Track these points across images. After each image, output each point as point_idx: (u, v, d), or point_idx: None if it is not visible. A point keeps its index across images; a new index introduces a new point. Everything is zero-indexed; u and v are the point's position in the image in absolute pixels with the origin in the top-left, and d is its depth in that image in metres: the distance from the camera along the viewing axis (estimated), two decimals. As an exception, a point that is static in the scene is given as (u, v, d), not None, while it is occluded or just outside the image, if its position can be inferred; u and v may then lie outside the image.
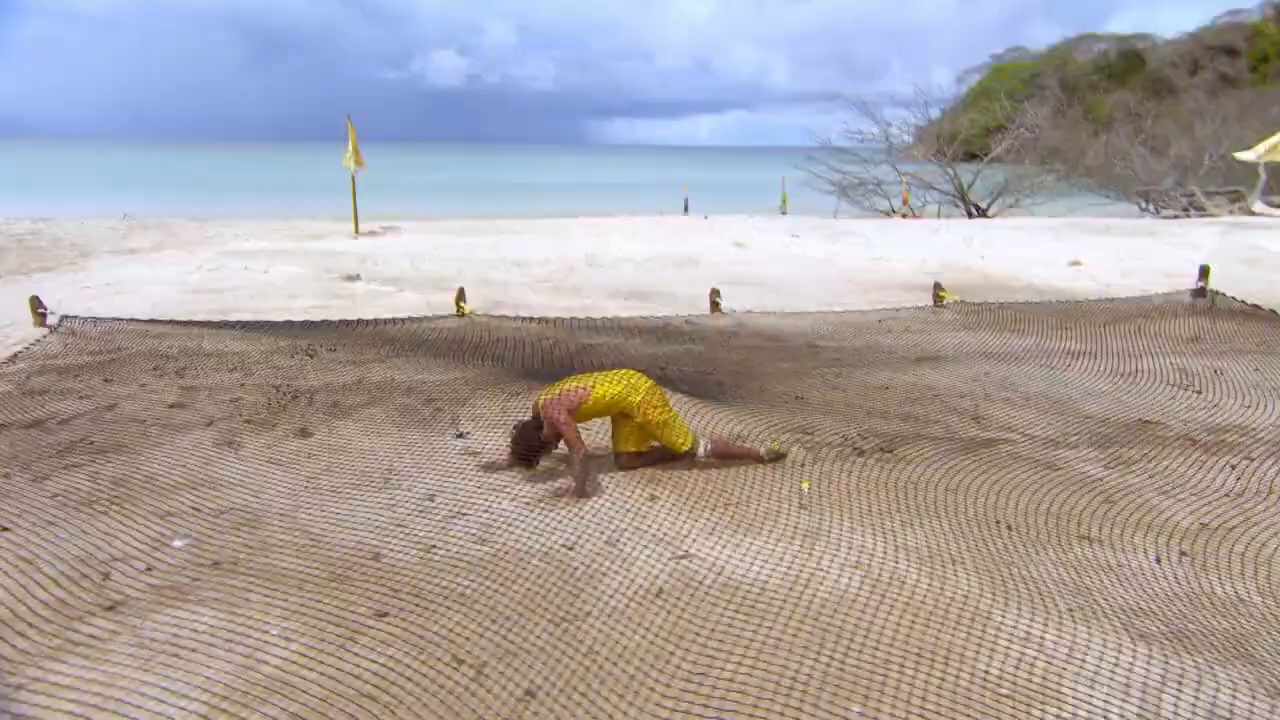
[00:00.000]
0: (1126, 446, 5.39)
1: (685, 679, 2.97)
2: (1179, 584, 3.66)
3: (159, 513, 4.31)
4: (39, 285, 10.90)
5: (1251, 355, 7.72)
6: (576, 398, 4.67)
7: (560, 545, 4.03)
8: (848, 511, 4.36)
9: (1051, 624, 3.29)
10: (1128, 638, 3.20)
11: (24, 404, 6.08)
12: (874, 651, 3.13)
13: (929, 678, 2.96)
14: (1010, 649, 3.12)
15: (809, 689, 2.90)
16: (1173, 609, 3.44)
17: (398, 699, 2.85)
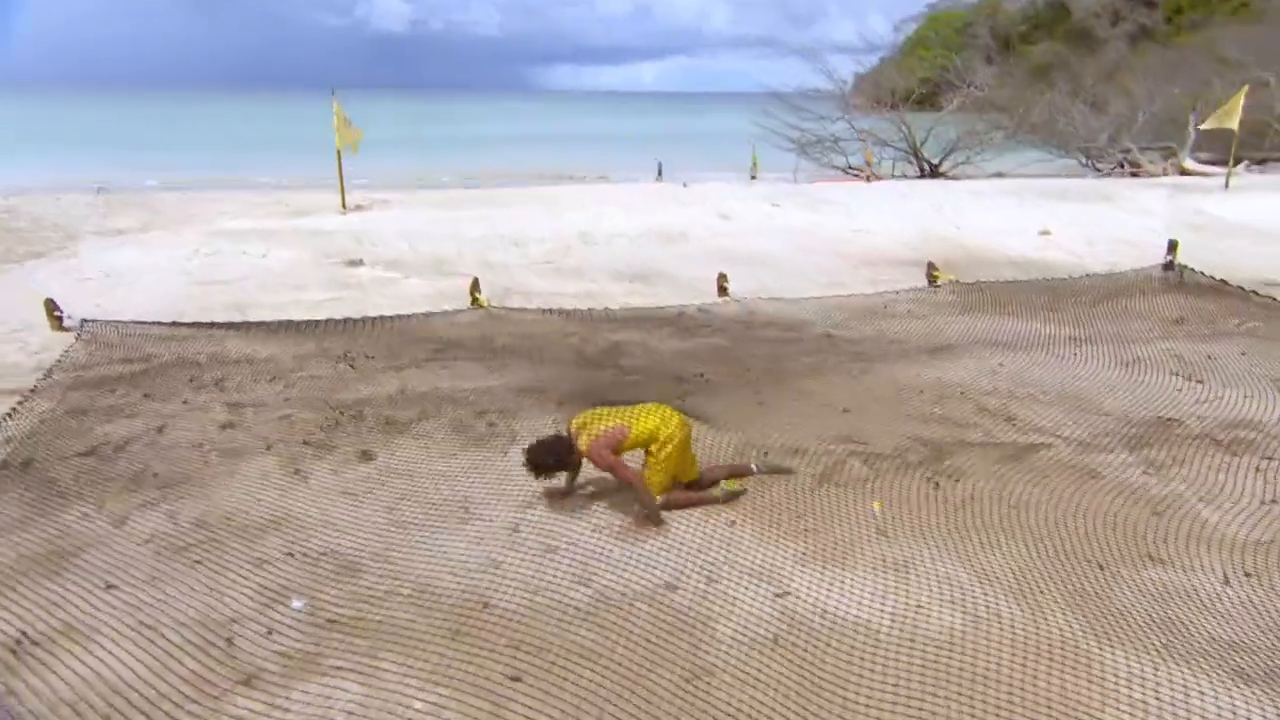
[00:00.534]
0: (1154, 448, 5.51)
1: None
2: (1257, 611, 3.77)
3: (254, 560, 4.17)
4: (32, 274, 10.38)
5: (1235, 338, 7.92)
6: (618, 436, 4.47)
7: (661, 586, 3.99)
8: (923, 537, 4.39)
9: (1159, 665, 3.36)
10: (1231, 679, 3.29)
11: (71, 426, 5.80)
12: (1001, 701, 3.17)
13: (1064, 733, 3.02)
14: (1131, 696, 3.19)
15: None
16: (1263, 641, 3.55)
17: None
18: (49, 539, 4.34)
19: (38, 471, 5.13)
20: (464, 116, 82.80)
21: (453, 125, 67.35)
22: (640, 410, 4.65)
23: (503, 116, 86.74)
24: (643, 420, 4.56)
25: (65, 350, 7.16)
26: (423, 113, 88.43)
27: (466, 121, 73.83)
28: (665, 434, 4.54)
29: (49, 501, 4.76)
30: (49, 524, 4.49)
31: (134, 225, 13.75)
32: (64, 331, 8.03)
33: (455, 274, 10.71)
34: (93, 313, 8.58)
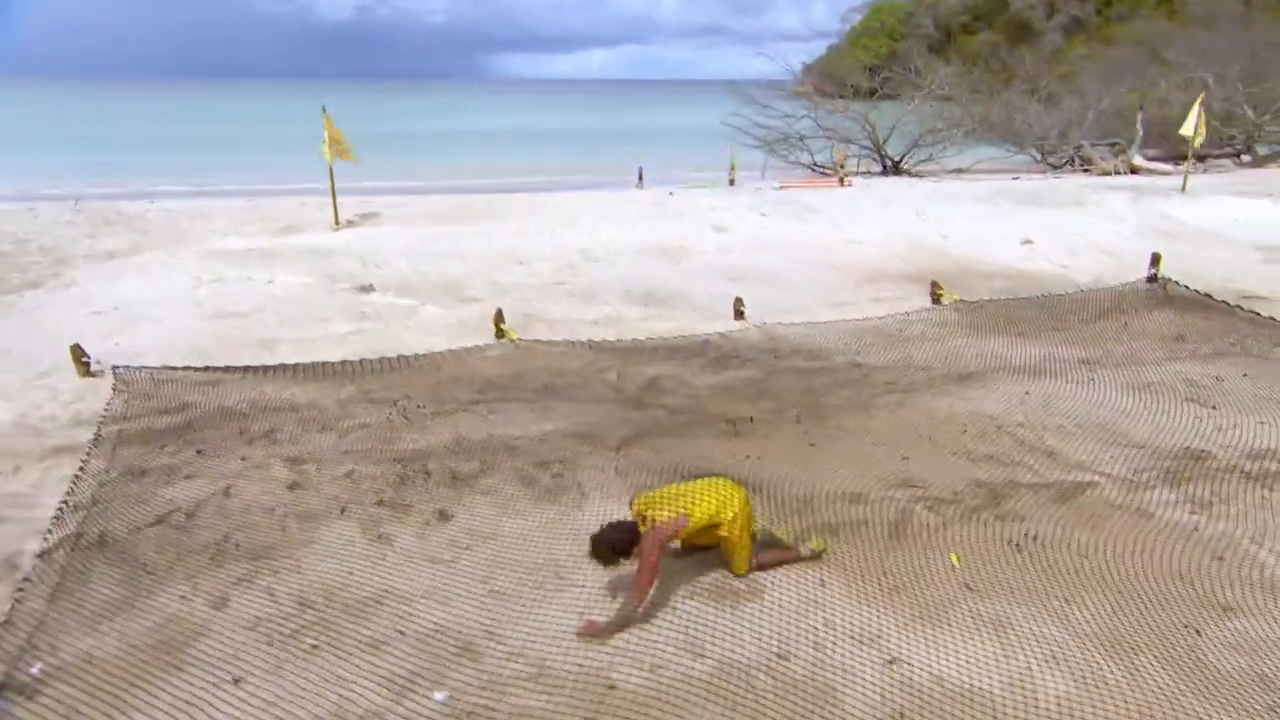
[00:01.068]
0: (1193, 483, 5.71)
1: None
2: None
3: (369, 642, 4.13)
4: (38, 308, 10.04)
5: (1234, 358, 8.21)
6: (673, 529, 4.31)
7: (774, 655, 4.05)
8: (1008, 591, 4.51)
9: (1266, 728, 3.53)
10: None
11: (134, 491, 5.65)
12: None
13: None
14: (1251, 765, 3.34)
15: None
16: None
17: None
18: (156, 626, 4.24)
19: (116, 546, 5.00)
20: (420, 110, 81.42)
21: (411, 120, 66.04)
22: (700, 490, 4.51)
23: (463, 110, 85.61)
24: (703, 504, 4.41)
25: (106, 404, 6.93)
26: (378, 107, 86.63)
27: (424, 116, 72.64)
28: (727, 517, 4.43)
29: (140, 581, 4.65)
30: (150, 608, 4.39)
31: (124, 246, 13.33)
32: (91, 377, 7.79)
33: (469, 299, 10.62)
34: (112, 353, 8.36)
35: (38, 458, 6.26)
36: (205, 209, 16.95)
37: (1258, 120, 26.65)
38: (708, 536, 4.54)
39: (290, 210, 16.55)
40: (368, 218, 15.55)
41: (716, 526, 4.47)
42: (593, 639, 4.15)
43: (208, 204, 18.41)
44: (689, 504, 4.42)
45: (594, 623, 4.25)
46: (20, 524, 5.35)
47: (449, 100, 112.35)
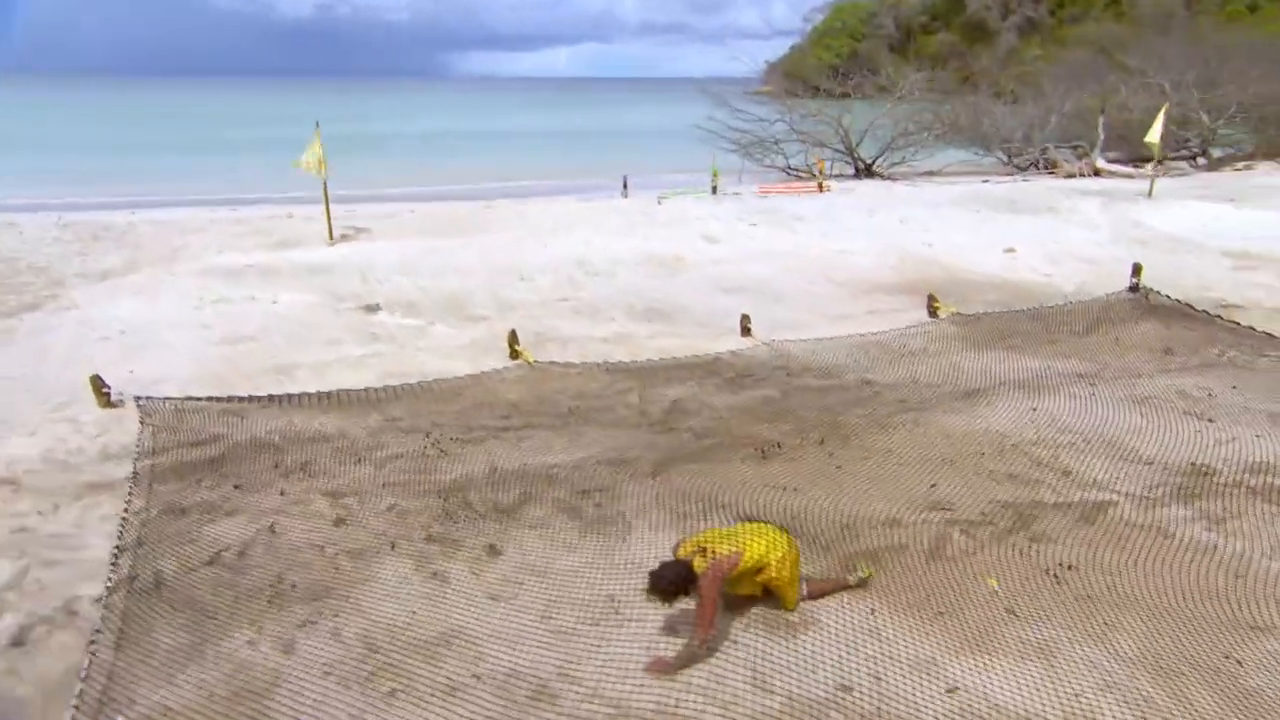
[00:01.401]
0: (1204, 500, 5.92)
1: None
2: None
3: (445, 687, 4.16)
4: (41, 332, 9.85)
5: (1221, 370, 8.50)
6: (730, 564, 4.40)
7: (838, 689, 4.16)
8: (1048, 616, 4.66)
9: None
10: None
11: (178, 530, 5.61)
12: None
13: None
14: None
15: None
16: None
17: None
18: (230, 675, 4.24)
19: (173, 590, 4.97)
20: (388, 111, 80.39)
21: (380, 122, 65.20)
22: (750, 533, 4.59)
23: (432, 110, 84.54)
24: (753, 545, 4.49)
25: (137, 439, 6.84)
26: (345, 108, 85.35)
27: (393, 117, 71.77)
28: (775, 557, 4.52)
29: (204, 627, 4.63)
30: (220, 655, 4.39)
31: (118, 265, 13.10)
32: (112, 408, 7.68)
33: (476, 317, 10.61)
34: (128, 381, 8.25)
35: (73, 495, 6.17)
36: (193, 222, 16.71)
37: (1212, 125, 27.35)
38: (750, 585, 4.62)
39: (281, 224, 16.37)
40: (361, 232, 15.43)
41: (761, 570, 4.54)
42: (661, 675, 4.23)
43: (192, 215, 18.12)
44: (741, 544, 4.50)
45: (662, 659, 4.33)
46: (71, 567, 5.30)
47: (416, 100, 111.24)
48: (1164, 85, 29.51)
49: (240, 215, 18.18)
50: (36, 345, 9.44)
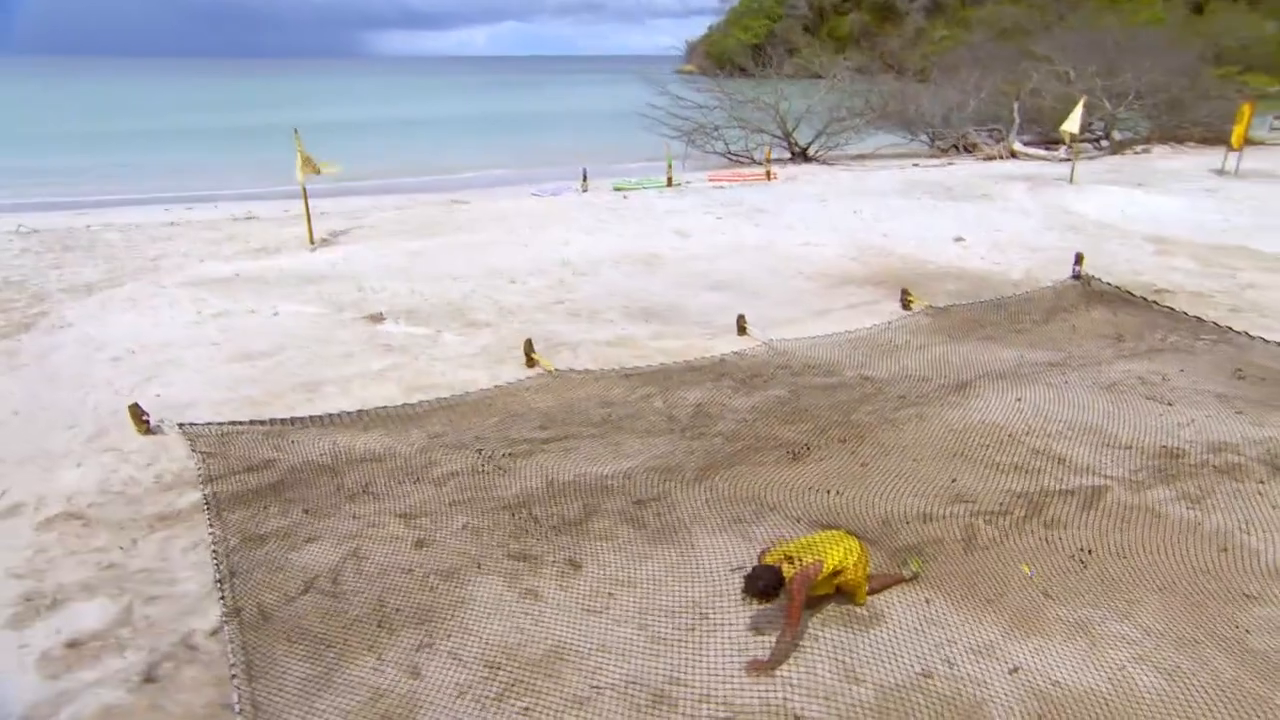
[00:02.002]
0: (1180, 479, 6.57)
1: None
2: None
3: (573, 700, 4.43)
4: (46, 353, 9.55)
5: (1168, 354, 9.26)
6: (815, 572, 4.77)
7: (918, 674, 4.60)
8: (1080, 596, 5.18)
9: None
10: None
11: (264, 558, 5.69)
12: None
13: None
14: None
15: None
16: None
17: None
18: (369, 702, 4.42)
19: (280, 620, 5.08)
20: (316, 95, 77.45)
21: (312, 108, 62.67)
22: (827, 541, 4.95)
23: (360, 95, 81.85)
24: (832, 553, 4.86)
25: (198, 468, 6.81)
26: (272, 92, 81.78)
27: (323, 102, 69.10)
28: (850, 562, 4.90)
29: (324, 655, 4.78)
30: (351, 683, 4.56)
31: (100, 277, 12.63)
32: (152, 435, 7.58)
33: (480, 324, 10.68)
34: (155, 405, 8.11)
35: (145, 528, 6.16)
36: (155, 226, 16.13)
37: (1113, 110, 28.81)
38: (826, 586, 4.99)
39: (253, 228, 15.94)
40: (339, 235, 15.17)
41: (839, 574, 4.93)
42: (761, 674, 4.60)
43: (148, 217, 17.46)
44: (821, 553, 4.88)
45: (758, 660, 4.69)
46: (171, 601, 5.35)
47: (339, 83, 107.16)
48: (1070, 72, 30.93)
49: (201, 217, 17.58)
50: (45, 369, 9.15)
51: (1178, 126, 29.49)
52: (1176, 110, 29.57)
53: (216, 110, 56.47)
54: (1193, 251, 13.91)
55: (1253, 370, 8.79)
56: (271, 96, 77.57)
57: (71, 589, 5.47)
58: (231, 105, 62.07)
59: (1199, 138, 28.84)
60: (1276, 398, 8.11)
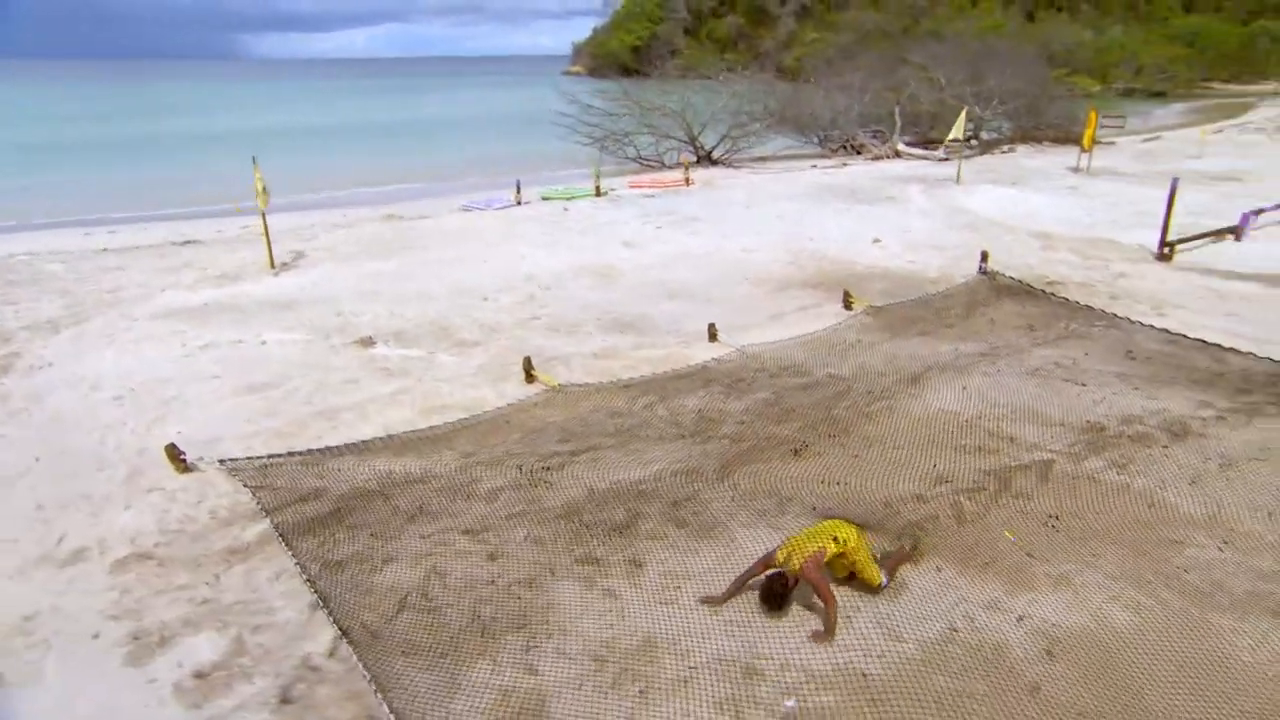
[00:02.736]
0: (1107, 450, 7.71)
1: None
2: (1252, 557, 5.95)
3: (678, 679, 5.02)
4: (39, 396, 9.26)
5: (1073, 341, 10.58)
6: (822, 556, 5.46)
7: (948, 629, 5.42)
8: (1056, 554, 6.15)
9: (1243, 616, 5.39)
10: (1271, 613, 5.39)
11: (349, 582, 5.97)
12: (1179, 655, 5.02)
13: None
14: (1233, 632, 5.17)
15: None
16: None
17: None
18: (501, 700, 4.86)
19: (390, 637, 5.43)
20: (194, 104, 73.25)
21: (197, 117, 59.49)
22: (827, 530, 5.63)
23: (245, 101, 77.84)
24: (830, 539, 5.56)
25: (257, 501, 6.95)
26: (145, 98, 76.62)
27: (206, 111, 65.54)
28: (851, 545, 5.59)
29: (442, 665, 5.17)
30: (477, 686, 4.98)
31: (61, 313, 12.14)
32: (189, 473, 7.61)
33: (468, 342, 10.97)
34: (180, 442, 8.04)
35: (221, 563, 6.31)
36: (96, 255, 15.43)
37: (981, 114, 31.17)
38: (841, 569, 5.73)
39: (201, 254, 15.50)
40: (298, 258, 14.96)
41: (843, 555, 5.66)
42: (822, 642, 5.33)
43: (82, 243, 16.73)
44: (821, 541, 5.57)
45: (818, 631, 5.42)
46: (276, 630, 5.59)
47: (220, 89, 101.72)
48: (941, 80, 33.19)
49: (131, 243, 16.91)
50: (46, 412, 8.90)
51: (1035, 127, 32.19)
52: (1033, 113, 32.27)
53: (73, 122, 52.56)
54: (1071, 245, 15.58)
55: (1140, 351, 10.19)
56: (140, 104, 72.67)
57: (174, 625, 5.63)
58: (89, 116, 57.87)
59: (1052, 138, 31.61)
60: (1161, 374, 9.48)
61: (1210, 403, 8.65)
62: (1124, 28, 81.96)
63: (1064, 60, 58.09)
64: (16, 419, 8.74)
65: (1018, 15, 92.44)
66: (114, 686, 5.11)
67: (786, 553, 5.52)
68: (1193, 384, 9.16)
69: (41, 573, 6.23)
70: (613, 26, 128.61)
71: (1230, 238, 15.62)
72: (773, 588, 5.45)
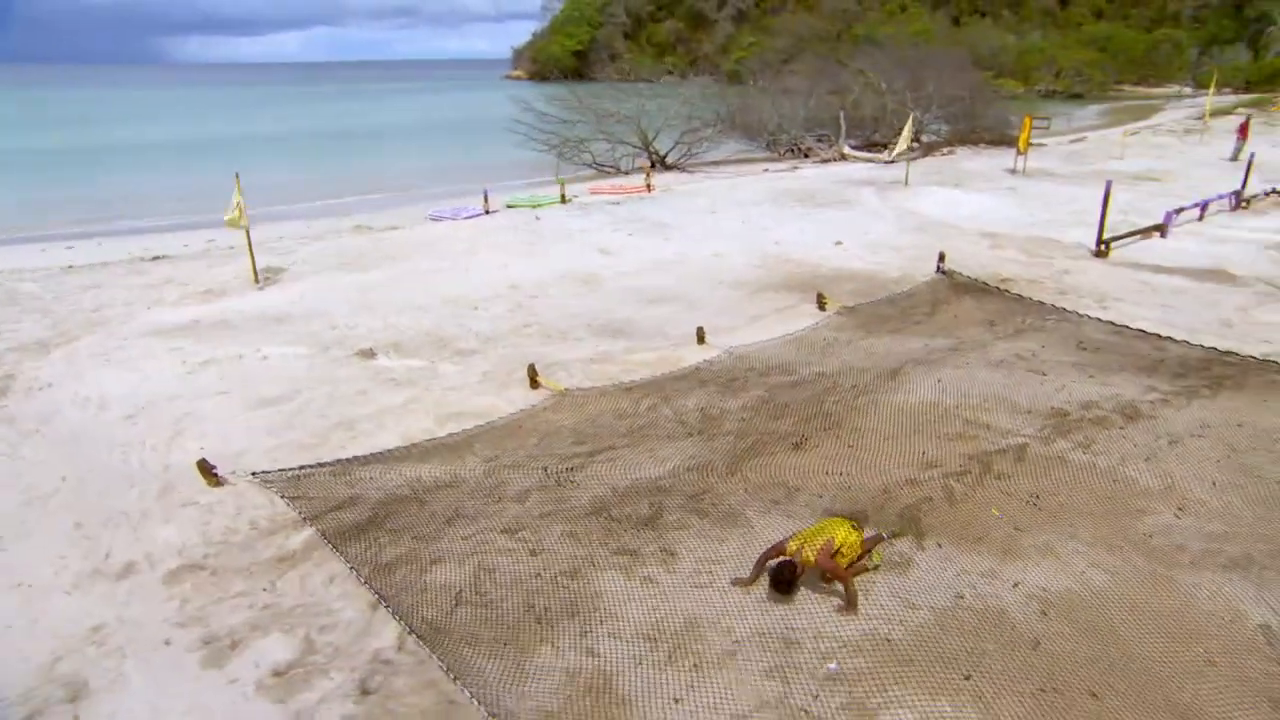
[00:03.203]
0: (1071, 433, 8.51)
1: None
2: (1208, 522, 6.75)
3: (727, 652, 5.53)
4: (46, 419, 9.29)
5: (1029, 334, 11.47)
6: (831, 546, 6.00)
7: (954, 596, 6.06)
8: (1040, 527, 6.86)
9: (1198, 571, 6.17)
10: (1221, 568, 6.17)
11: (402, 582, 6.30)
12: (1149, 605, 5.76)
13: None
14: (1191, 587, 5.93)
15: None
16: (1233, 533, 6.51)
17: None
18: (568, 680, 5.29)
19: (453, 631, 5.81)
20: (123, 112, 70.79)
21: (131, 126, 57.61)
22: (831, 525, 6.19)
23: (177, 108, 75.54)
24: (837, 533, 6.12)
25: (299, 511, 7.20)
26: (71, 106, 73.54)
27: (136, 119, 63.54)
28: (851, 541, 6.16)
29: (506, 653, 5.56)
30: (543, 669, 5.39)
31: (48, 334, 12.03)
32: (222, 486, 7.80)
33: (467, 351, 11.28)
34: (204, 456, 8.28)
35: (273, 570, 6.57)
36: (64, 273, 15.19)
37: (921, 118, 32.51)
38: (845, 559, 6.31)
39: (179, 269, 15.38)
40: (279, 272, 14.98)
41: (840, 551, 6.20)
42: (847, 614, 5.91)
43: (47, 261, 16.38)
44: (830, 534, 6.11)
45: (842, 605, 6.00)
46: (342, 629, 5.91)
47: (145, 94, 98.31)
48: (882, 85, 34.47)
49: (99, 258, 16.66)
50: (58, 433, 8.93)
51: (971, 130, 33.71)
52: (969, 116, 33.79)
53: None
54: (1017, 244, 16.63)
55: (1090, 342, 11.10)
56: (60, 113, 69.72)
57: (241, 630, 5.90)
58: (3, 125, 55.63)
59: (987, 140, 33.16)
60: (1111, 363, 10.39)
61: (1155, 387, 9.56)
62: (1043, 33, 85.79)
63: (989, 64, 60.72)
64: (31, 440, 8.77)
65: (944, 20, 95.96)
66: (198, 688, 5.38)
67: (798, 544, 6.06)
68: (1138, 370, 10.08)
69: (98, 587, 6.41)
70: (552, 31, 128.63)
71: (1157, 235, 16.88)
72: (782, 574, 5.97)
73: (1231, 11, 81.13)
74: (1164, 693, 5.12)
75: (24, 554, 6.83)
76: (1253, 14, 77.58)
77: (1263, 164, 22.68)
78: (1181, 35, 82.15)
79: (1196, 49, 79.14)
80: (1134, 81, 78.99)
